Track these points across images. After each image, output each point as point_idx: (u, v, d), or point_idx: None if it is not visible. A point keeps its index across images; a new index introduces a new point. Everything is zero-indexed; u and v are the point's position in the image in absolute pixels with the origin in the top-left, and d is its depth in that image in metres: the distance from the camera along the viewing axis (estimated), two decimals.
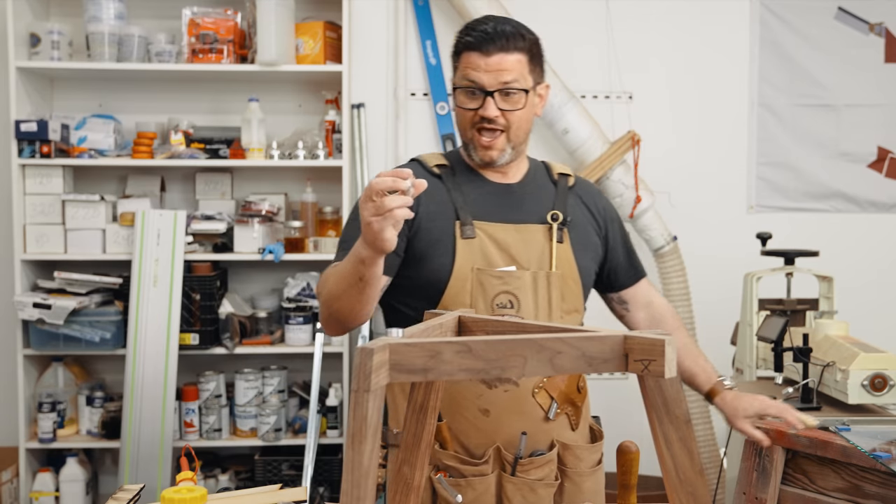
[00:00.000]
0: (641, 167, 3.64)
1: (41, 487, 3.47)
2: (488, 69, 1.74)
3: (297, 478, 3.39)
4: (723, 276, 3.69)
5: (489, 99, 1.75)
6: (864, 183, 3.90)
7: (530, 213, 1.84)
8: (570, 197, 1.91)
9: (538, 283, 1.78)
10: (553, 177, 1.93)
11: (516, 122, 1.79)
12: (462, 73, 1.78)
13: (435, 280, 1.76)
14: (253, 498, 1.72)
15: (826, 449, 1.53)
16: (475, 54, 1.75)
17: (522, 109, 1.78)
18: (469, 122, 1.79)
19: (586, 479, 1.81)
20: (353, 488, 1.06)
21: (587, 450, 1.82)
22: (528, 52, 1.78)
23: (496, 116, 1.76)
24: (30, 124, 3.38)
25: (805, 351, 2.63)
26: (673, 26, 3.83)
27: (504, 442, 1.75)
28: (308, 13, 3.67)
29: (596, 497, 1.84)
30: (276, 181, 3.78)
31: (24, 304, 3.38)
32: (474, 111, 1.77)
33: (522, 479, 1.74)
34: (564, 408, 1.81)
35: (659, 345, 1.08)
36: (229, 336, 3.51)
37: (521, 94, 1.76)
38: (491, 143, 1.79)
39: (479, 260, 1.77)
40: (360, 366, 1.06)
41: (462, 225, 1.78)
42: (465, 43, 1.77)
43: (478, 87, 1.75)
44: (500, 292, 1.74)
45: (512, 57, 1.75)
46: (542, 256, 1.80)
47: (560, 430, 1.81)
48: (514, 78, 1.75)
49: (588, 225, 1.91)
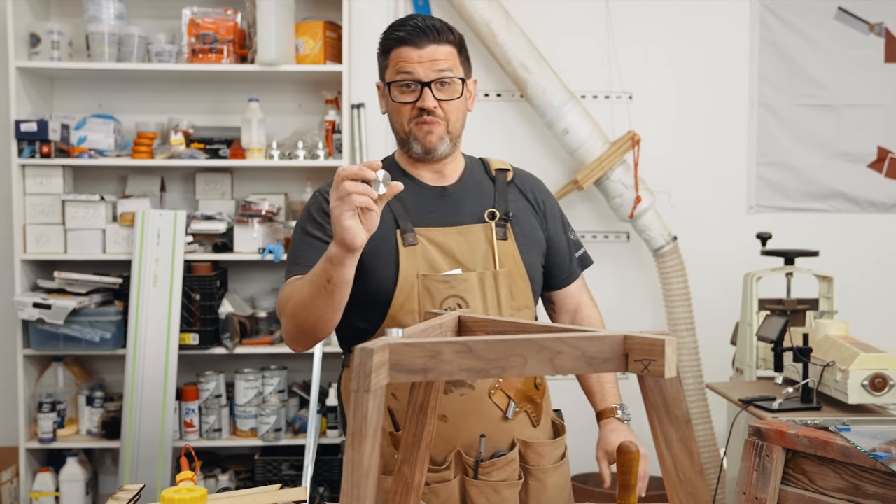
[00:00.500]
0: (641, 167, 3.65)
1: (41, 487, 3.47)
2: (422, 60, 1.74)
3: (297, 478, 3.39)
4: (723, 276, 3.70)
5: (426, 90, 1.74)
6: (864, 183, 3.90)
7: (470, 213, 1.83)
8: (510, 191, 1.88)
9: (485, 283, 1.77)
10: (491, 173, 1.90)
11: (454, 113, 1.79)
12: (395, 68, 1.77)
13: (381, 291, 1.75)
14: (253, 498, 1.72)
15: (826, 449, 1.53)
16: (407, 48, 1.75)
17: (459, 99, 1.78)
18: (407, 117, 1.78)
19: (550, 474, 1.81)
20: (353, 488, 1.06)
21: (549, 446, 1.82)
22: (458, 45, 1.80)
23: (435, 107, 1.75)
24: (30, 124, 3.38)
25: (805, 351, 2.63)
26: (673, 26, 3.83)
27: (464, 446, 1.75)
28: (308, 13, 3.67)
29: (562, 492, 1.83)
30: (276, 181, 3.78)
31: (24, 304, 3.38)
32: (412, 104, 1.76)
33: (485, 482, 1.74)
34: (523, 406, 1.80)
35: (659, 345, 1.08)
36: (229, 336, 3.51)
37: (458, 82, 1.77)
38: (431, 129, 1.78)
39: (423, 266, 1.76)
40: (360, 366, 1.06)
41: (403, 233, 1.77)
42: (395, 38, 1.77)
43: (413, 79, 1.75)
44: (447, 296, 1.72)
45: (444, 48, 1.76)
46: (486, 256, 1.79)
47: (521, 429, 1.80)
48: (449, 67, 1.76)
49: (531, 217, 1.89)
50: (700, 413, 3.63)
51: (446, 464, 1.74)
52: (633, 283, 3.85)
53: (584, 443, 3.48)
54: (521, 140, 3.81)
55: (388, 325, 1.74)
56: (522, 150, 3.76)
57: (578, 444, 2.30)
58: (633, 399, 1.66)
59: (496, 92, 3.79)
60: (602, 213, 3.82)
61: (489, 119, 3.78)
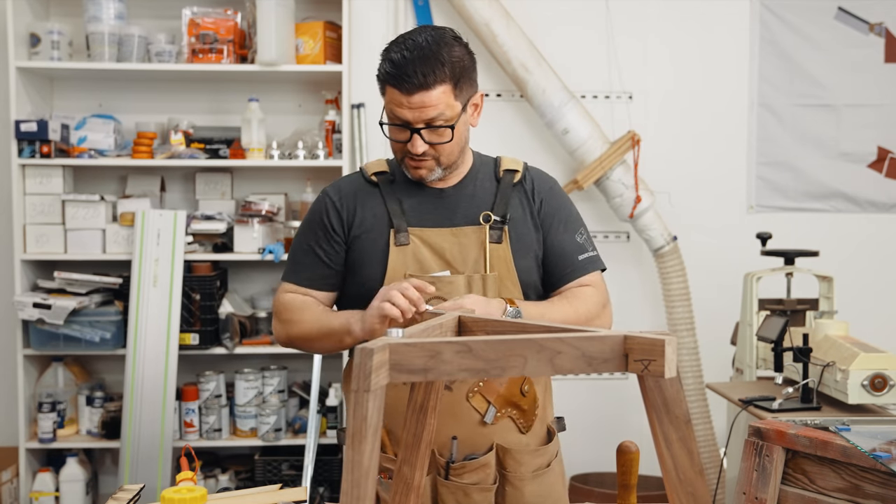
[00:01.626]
0: (641, 167, 3.65)
1: (41, 487, 3.46)
2: (411, 107, 1.70)
3: (297, 478, 3.39)
4: (723, 276, 3.69)
5: (416, 136, 1.73)
6: (864, 183, 3.90)
7: (466, 215, 1.82)
8: (514, 194, 1.86)
9: (473, 286, 1.77)
10: (498, 174, 1.88)
11: (446, 152, 1.76)
12: (387, 106, 1.75)
13: (368, 290, 1.76)
14: (253, 498, 1.72)
15: (826, 449, 1.53)
16: (397, 91, 1.71)
17: (451, 141, 1.75)
18: (399, 152, 1.79)
19: (528, 483, 1.79)
20: (352, 488, 1.06)
21: (530, 454, 1.80)
22: (452, 78, 1.71)
23: (423, 151, 1.74)
24: (30, 124, 3.38)
25: (805, 351, 2.63)
26: (673, 26, 3.83)
27: (439, 446, 1.75)
28: (308, 13, 3.67)
29: (545, 500, 1.80)
30: (276, 181, 3.78)
31: (24, 304, 3.38)
32: (403, 143, 1.75)
33: (455, 483, 1.74)
34: (507, 411, 1.79)
35: (659, 345, 1.08)
36: (229, 336, 3.51)
37: (447, 128, 1.73)
38: (420, 165, 1.77)
39: (412, 266, 1.77)
40: (360, 366, 1.06)
41: (396, 233, 1.79)
42: (385, 74, 1.73)
43: (403, 122, 1.73)
44: (432, 297, 1.71)
45: (434, 92, 1.70)
46: (478, 259, 1.79)
47: (504, 434, 1.79)
48: (439, 112, 1.71)
49: (529, 220, 1.85)
50: (700, 413, 3.63)
51: None
52: (633, 283, 3.85)
53: (588, 443, 3.50)
54: (521, 140, 3.81)
55: None
56: (522, 151, 3.75)
57: (579, 445, 2.31)
58: (633, 399, 1.66)
59: (496, 92, 3.79)
60: (602, 213, 3.82)
61: (489, 119, 3.77)
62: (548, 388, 1.90)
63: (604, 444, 3.04)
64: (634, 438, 1.74)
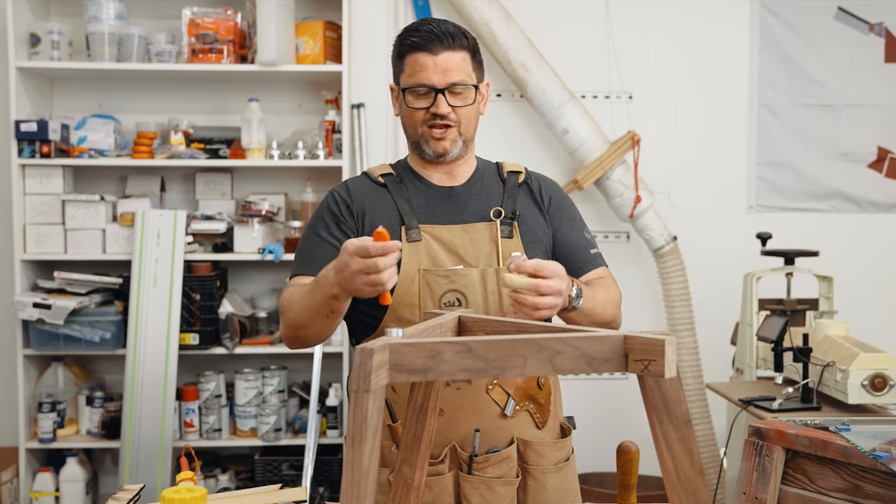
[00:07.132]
0: (641, 167, 3.65)
1: (41, 487, 3.47)
2: (436, 69, 1.78)
3: (297, 478, 3.39)
4: (723, 276, 3.70)
5: (440, 96, 1.78)
6: (864, 183, 3.90)
7: (476, 212, 1.86)
8: (520, 192, 1.91)
9: (486, 279, 1.78)
10: (503, 175, 1.93)
11: (466, 118, 1.82)
12: (410, 74, 1.81)
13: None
14: (253, 498, 1.72)
15: (826, 449, 1.53)
16: (422, 54, 1.78)
17: (471, 105, 1.82)
18: (420, 121, 1.82)
19: (550, 476, 1.80)
20: (352, 488, 1.06)
21: (550, 447, 1.81)
22: (471, 50, 1.83)
23: (448, 112, 1.79)
24: (30, 124, 3.38)
25: (805, 351, 2.63)
26: (673, 26, 3.83)
27: (459, 440, 1.75)
28: (308, 13, 3.67)
29: (564, 495, 1.82)
30: (276, 181, 3.78)
31: (24, 304, 3.38)
32: (425, 109, 1.80)
33: (479, 478, 1.74)
34: (525, 404, 1.80)
35: (659, 345, 1.08)
36: (229, 336, 3.51)
37: (470, 89, 1.81)
38: (443, 135, 1.82)
39: (425, 261, 1.79)
40: (360, 366, 1.06)
41: (408, 230, 1.80)
42: (410, 44, 1.80)
43: (428, 85, 1.78)
44: (447, 291, 1.75)
45: (458, 55, 1.79)
46: (490, 254, 1.81)
47: (522, 428, 1.80)
48: (463, 74, 1.79)
49: (538, 217, 1.90)
50: (700, 413, 3.63)
51: (441, 458, 1.74)
52: (633, 283, 3.85)
53: (588, 443, 3.50)
54: (521, 140, 3.81)
55: (389, 318, 1.77)
56: (522, 151, 3.76)
57: (581, 445, 2.30)
58: (633, 399, 1.66)
59: (496, 92, 3.79)
60: (602, 213, 3.82)
61: (489, 119, 3.75)
62: (557, 385, 1.92)
63: (604, 445, 3.05)
64: (634, 438, 1.74)
